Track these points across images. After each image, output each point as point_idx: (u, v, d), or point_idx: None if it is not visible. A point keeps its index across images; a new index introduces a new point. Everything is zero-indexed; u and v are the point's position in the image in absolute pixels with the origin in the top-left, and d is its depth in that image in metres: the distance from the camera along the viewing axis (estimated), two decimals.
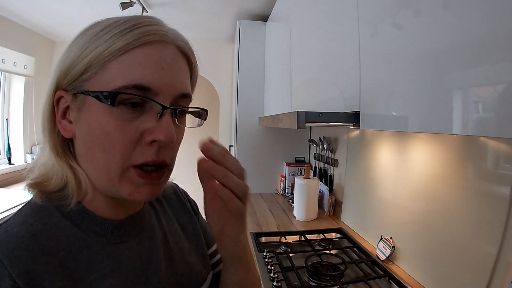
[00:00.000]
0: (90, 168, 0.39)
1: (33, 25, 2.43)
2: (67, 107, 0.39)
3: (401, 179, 1.09)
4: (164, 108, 0.37)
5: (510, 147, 0.69)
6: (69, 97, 0.38)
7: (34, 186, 0.39)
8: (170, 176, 0.44)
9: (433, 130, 0.56)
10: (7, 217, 0.38)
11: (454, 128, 0.49)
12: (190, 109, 0.43)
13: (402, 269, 1.04)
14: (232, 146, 2.28)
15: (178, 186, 0.62)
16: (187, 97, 0.41)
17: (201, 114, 0.45)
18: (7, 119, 2.49)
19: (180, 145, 0.44)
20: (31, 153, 2.60)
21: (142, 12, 2.17)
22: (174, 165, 0.42)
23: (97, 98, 0.36)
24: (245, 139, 2.18)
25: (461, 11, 0.47)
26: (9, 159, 2.47)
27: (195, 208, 0.61)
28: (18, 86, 2.51)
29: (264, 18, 2.23)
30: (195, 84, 0.47)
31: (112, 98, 0.35)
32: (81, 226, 0.39)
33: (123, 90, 0.35)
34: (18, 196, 1.98)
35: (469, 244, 0.77)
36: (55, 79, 0.39)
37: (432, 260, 0.91)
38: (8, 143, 2.48)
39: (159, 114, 0.37)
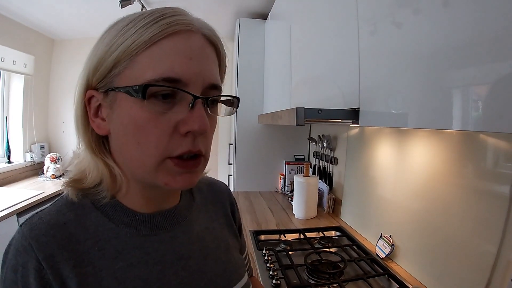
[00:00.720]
0: (125, 162, 0.40)
1: (33, 23, 2.43)
2: (99, 105, 0.40)
3: (400, 177, 1.09)
4: (196, 97, 0.37)
5: (510, 145, 0.68)
6: (100, 95, 0.39)
7: (71, 183, 0.41)
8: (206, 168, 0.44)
9: (432, 126, 0.56)
10: (45, 206, 0.41)
11: (454, 124, 0.49)
12: (221, 98, 0.43)
13: (401, 267, 1.04)
14: (232, 144, 2.27)
15: (227, 187, 0.63)
16: (216, 88, 0.41)
17: (233, 102, 0.45)
18: (6, 118, 2.48)
19: None
20: (31, 151, 2.60)
21: (142, 9, 2.16)
22: (209, 154, 0.43)
23: (128, 93, 0.36)
24: (244, 137, 2.18)
25: (460, 10, 0.47)
26: (9, 157, 2.47)
27: (235, 212, 0.61)
28: (17, 85, 2.50)
29: (263, 16, 2.22)
30: (224, 73, 0.46)
31: (142, 91, 0.35)
32: (112, 218, 0.41)
33: (153, 83, 0.35)
34: (17, 194, 1.98)
35: (469, 242, 0.77)
36: (85, 78, 0.39)
37: (431, 258, 0.91)
38: (8, 142, 2.47)
39: (190, 105, 0.37)
